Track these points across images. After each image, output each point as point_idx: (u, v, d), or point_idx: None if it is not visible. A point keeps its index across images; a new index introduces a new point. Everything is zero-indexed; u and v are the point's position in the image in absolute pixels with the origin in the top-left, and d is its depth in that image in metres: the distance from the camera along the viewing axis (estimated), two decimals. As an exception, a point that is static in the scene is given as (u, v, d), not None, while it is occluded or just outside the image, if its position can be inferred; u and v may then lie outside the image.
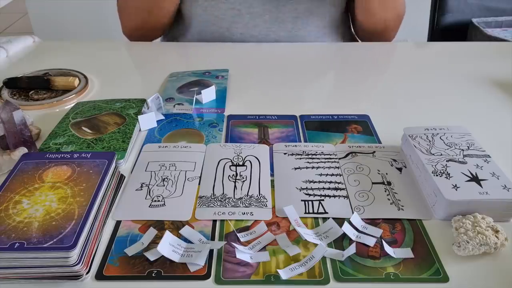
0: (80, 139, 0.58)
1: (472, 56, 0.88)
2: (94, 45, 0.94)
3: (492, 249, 0.42)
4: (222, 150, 0.58)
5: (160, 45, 0.96)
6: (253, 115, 0.66)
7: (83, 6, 2.31)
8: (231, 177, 0.53)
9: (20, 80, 0.73)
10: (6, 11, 3.28)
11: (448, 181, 0.47)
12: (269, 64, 0.84)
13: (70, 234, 0.40)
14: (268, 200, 0.49)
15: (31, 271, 0.39)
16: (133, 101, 0.68)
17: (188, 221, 0.46)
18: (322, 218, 0.47)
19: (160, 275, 0.40)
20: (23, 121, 0.55)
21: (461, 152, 0.51)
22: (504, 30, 1.25)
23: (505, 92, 0.73)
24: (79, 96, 0.71)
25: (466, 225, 0.43)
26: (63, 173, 0.47)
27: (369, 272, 0.41)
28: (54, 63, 0.82)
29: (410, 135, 0.55)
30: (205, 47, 0.91)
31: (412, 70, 0.82)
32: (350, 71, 0.83)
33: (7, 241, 0.39)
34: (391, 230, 0.45)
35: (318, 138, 0.60)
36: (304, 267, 0.41)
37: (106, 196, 0.47)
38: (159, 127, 0.63)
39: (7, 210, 0.42)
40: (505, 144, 0.59)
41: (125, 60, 0.89)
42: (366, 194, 0.50)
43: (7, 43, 0.88)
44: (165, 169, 0.54)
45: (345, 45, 0.94)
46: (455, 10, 1.29)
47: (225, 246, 0.43)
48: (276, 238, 0.44)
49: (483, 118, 0.66)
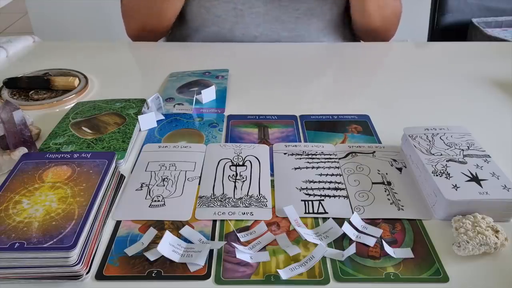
0: (80, 139, 0.58)
1: (472, 56, 0.88)
2: (94, 45, 0.94)
3: (492, 249, 0.42)
4: (222, 150, 0.58)
5: (160, 45, 0.96)
6: (253, 115, 0.66)
7: (83, 6, 2.31)
8: (231, 177, 0.53)
9: (20, 80, 0.73)
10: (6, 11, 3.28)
11: (448, 181, 0.46)
12: (269, 64, 0.84)
13: (70, 234, 0.40)
14: (268, 200, 0.49)
15: (31, 271, 0.39)
16: (133, 101, 0.68)
17: (188, 221, 0.46)
18: (322, 218, 0.47)
19: (160, 275, 0.40)
20: (23, 121, 0.55)
21: (461, 152, 0.51)
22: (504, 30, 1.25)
23: (505, 92, 0.73)
24: (79, 96, 0.71)
25: (466, 225, 0.43)
26: (63, 173, 0.47)
27: (369, 272, 0.41)
28: (54, 63, 0.82)
29: (410, 135, 0.55)
30: (205, 47, 0.91)
31: (412, 70, 0.82)
32: (350, 71, 0.83)
33: (7, 241, 0.39)
34: (391, 230, 0.45)
35: (318, 138, 0.60)
36: (304, 267, 0.41)
37: (106, 196, 0.47)
38: (159, 127, 0.63)
39: (7, 210, 0.42)
40: (505, 144, 0.59)
41: (125, 60, 0.89)
42: (366, 194, 0.50)
43: (7, 43, 0.88)
44: (165, 169, 0.54)
45: (345, 45, 0.94)
46: (455, 10, 1.29)
47: (225, 246, 0.43)
48: (276, 238, 0.44)
49: (483, 118, 0.66)
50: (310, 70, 0.81)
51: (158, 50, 0.91)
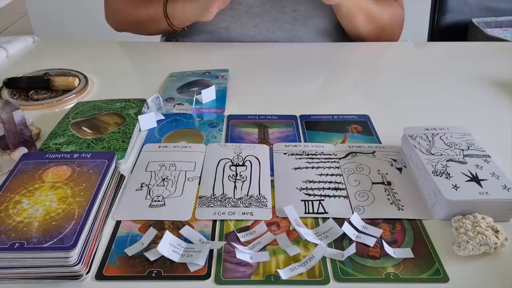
0: (80, 139, 0.58)
1: (472, 56, 0.88)
2: (94, 45, 0.94)
3: (492, 249, 0.42)
4: (222, 150, 0.58)
5: (160, 45, 0.96)
6: (253, 115, 0.66)
7: (84, 6, 2.31)
8: (231, 177, 0.53)
9: (20, 80, 0.73)
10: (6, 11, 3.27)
11: (448, 181, 0.47)
12: (269, 64, 0.84)
13: (70, 234, 0.40)
14: (268, 200, 0.49)
15: (31, 271, 0.39)
16: (133, 101, 0.68)
17: (188, 221, 0.46)
18: (322, 218, 0.47)
19: (160, 275, 0.40)
20: (23, 121, 0.55)
21: (461, 152, 0.51)
22: (504, 30, 1.25)
23: (505, 92, 0.73)
24: (79, 96, 0.71)
25: (466, 225, 0.43)
26: (63, 173, 0.47)
27: (369, 272, 0.41)
28: (54, 63, 0.82)
29: (410, 135, 0.55)
30: (205, 47, 0.91)
31: (412, 70, 0.82)
32: (350, 71, 0.83)
33: (7, 241, 0.39)
34: (391, 230, 0.45)
35: (318, 138, 0.60)
36: (304, 267, 0.41)
37: (106, 196, 0.47)
38: (159, 127, 0.63)
39: (7, 210, 0.42)
40: (505, 144, 0.59)
41: (125, 60, 0.89)
42: (366, 194, 0.50)
43: (7, 43, 0.88)
44: (165, 169, 0.54)
45: (345, 45, 0.94)
46: (455, 10, 1.29)
47: (225, 246, 0.43)
48: (276, 238, 0.44)
49: (483, 118, 0.66)
50: (310, 70, 0.81)
51: (158, 50, 0.91)
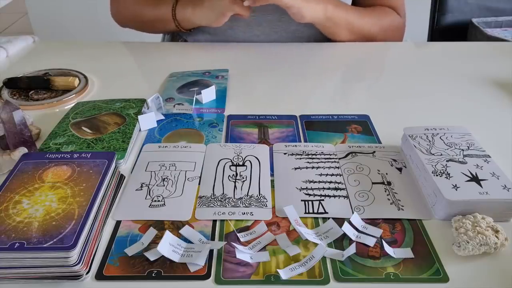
0: (80, 139, 0.58)
1: (472, 56, 0.88)
2: (94, 45, 0.94)
3: (492, 249, 0.42)
4: (222, 150, 0.58)
5: (160, 45, 0.96)
6: (253, 115, 0.66)
7: (84, 6, 2.31)
8: (231, 177, 0.53)
9: (20, 80, 0.73)
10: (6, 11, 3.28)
11: (448, 181, 0.46)
12: (269, 64, 0.84)
13: (70, 234, 0.40)
14: (268, 200, 0.49)
15: (31, 271, 0.39)
16: (133, 101, 0.67)
17: (188, 221, 0.46)
18: (322, 218, 0.47)
19: (160, 275, 0.40)
20: (23, 121, 0.55)
21: (461, 152, 0.51)
22: (504, 30, 1.25)
23: (505, 92, 0.73)
24: (79, 96, 0.71)
25: (466, 225, 0.43)
26: (63, 173, 0.47)
27: (369, 272, 0.41)
28: (54, 63, 0.82)
29: (410, 135, 0.55)
30: (205, 47, 0.91)
31: (412, 70, 0.82)
32: (350, 71, 0.83)
33: (7, 241, 0.39)
34: (391, 230, 0.45)
35: (318, 138, 0.60)
36: (304, 267, 0.41)
37: (106, 196, 0.47)
38: (159, 127, 0.63)
39: (7, 210, 0.42)
40: (505, 144, 0.59)
41: (125, 60, 0.89)
42: (366, 194, 0.50)
43: (7, 43, 0.88)
44: (165, 169, 0.54)
45: (345, 45, 0.94)
46: (455, 10, 1.29)
47: (225, 246, 0.43)
48: (276, 238, 0.44)
49: (483, 118, 0.66)
50: (310, 70, 0.81)
51: (158, 50, 0.91)
